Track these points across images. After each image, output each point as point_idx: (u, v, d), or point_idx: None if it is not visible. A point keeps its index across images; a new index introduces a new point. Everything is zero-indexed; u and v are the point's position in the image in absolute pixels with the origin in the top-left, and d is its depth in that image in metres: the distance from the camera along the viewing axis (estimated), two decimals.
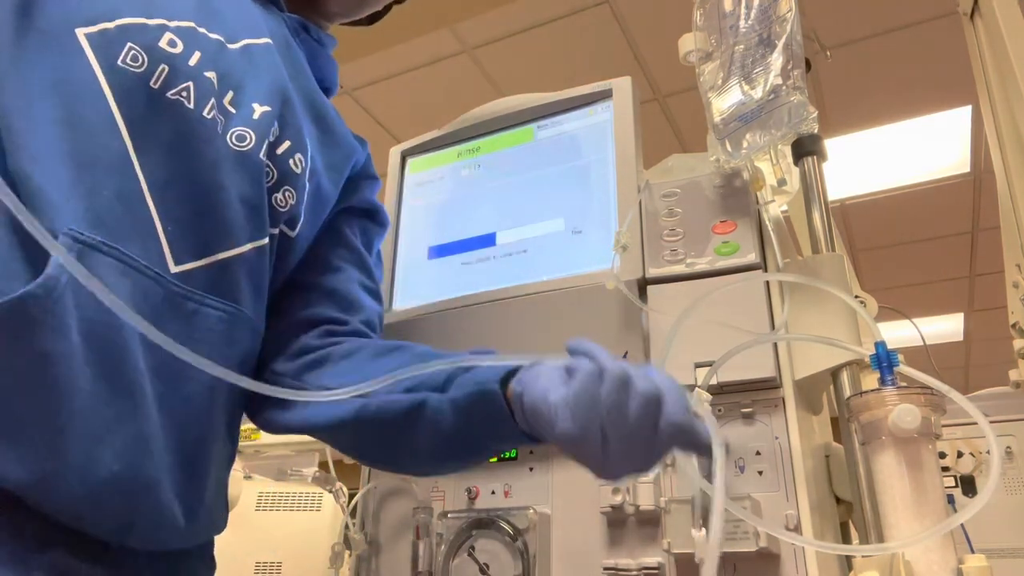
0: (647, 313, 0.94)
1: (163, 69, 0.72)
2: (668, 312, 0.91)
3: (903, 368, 0.73)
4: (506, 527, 0.93)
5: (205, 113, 0.75)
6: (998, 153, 1.26)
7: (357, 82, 3.07)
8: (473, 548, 0.95)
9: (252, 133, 0.78)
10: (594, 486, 0.90)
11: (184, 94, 0.73)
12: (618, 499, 0.87)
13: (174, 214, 0.71)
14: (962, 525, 0.65)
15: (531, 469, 0.99)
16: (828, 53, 1.08)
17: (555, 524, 0.95)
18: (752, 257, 0.92)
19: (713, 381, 0.85)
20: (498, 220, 1.12)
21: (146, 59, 0.71)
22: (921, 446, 0.70)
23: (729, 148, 0.93)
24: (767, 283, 0.91)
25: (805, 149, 0.97)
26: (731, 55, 0.92)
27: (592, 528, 0.92)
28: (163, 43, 0.73)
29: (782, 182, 0.96)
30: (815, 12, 2.63)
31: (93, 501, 0.61)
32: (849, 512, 0.92)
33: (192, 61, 0.75)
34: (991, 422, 0.66)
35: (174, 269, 0.70)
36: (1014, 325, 1.28)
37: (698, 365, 0.88)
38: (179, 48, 0.74)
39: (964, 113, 3.20)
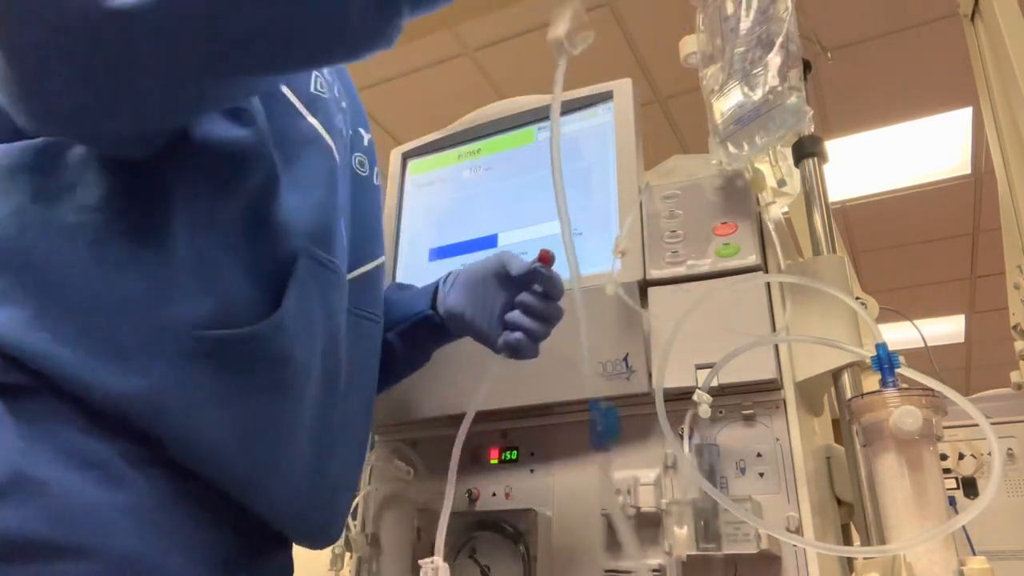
0: (648, 315, 0.94)
1: (332, 97, 0.78)
2: (669, 314, 0.91)
3: (904, 370, 0.73)
4: (507, 529, 0.93)
5: (347, 142, 0.81)
6: (999, 154, 1.26)
7: (358, 84, 3.07)
8: (474, 550, 0.95)
9: (367, 159, 0.86)
10: (595, 488, 0.90)
11: (343, 123, 0.80)
12: (619, 501, 0.87)
13: (348, 230, 0.78)
14: (963, 527, 0.65)
15: (532, 471, 0.99)
16: (829, 54, 1.08)
17: (556, 526, 0.94)
18: (753, 259, 0.92)
19: (714, 383, 0.85)
20: (499, 222, 1.12)
21: (327, 86, 0.77)
22: (922, 448, 0.70)
23: (731, 150, 0.93)
24: (768, 285, 0.91)
25: (806, 150, 0.98)
26: (731, 57, 0.93)
27: (593, 530, 0.92)
28: (325, 72, 0.78)
29: (782, 183, 0.96)
30: (816, 13, 2.63)
31: (302, 503, 0.67)
32: (850, 514, 0.91)
33: (336, 91, 0.81)
34: (992, 424, 0.66)
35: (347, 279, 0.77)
36: (1015, 327, 1.28)
37: (699, 367, 0.88)
38: (330, 78, 0.79)
39: (965, 114, 3.20)
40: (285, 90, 0.70)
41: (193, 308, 0.57)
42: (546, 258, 0.83)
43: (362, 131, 0.87)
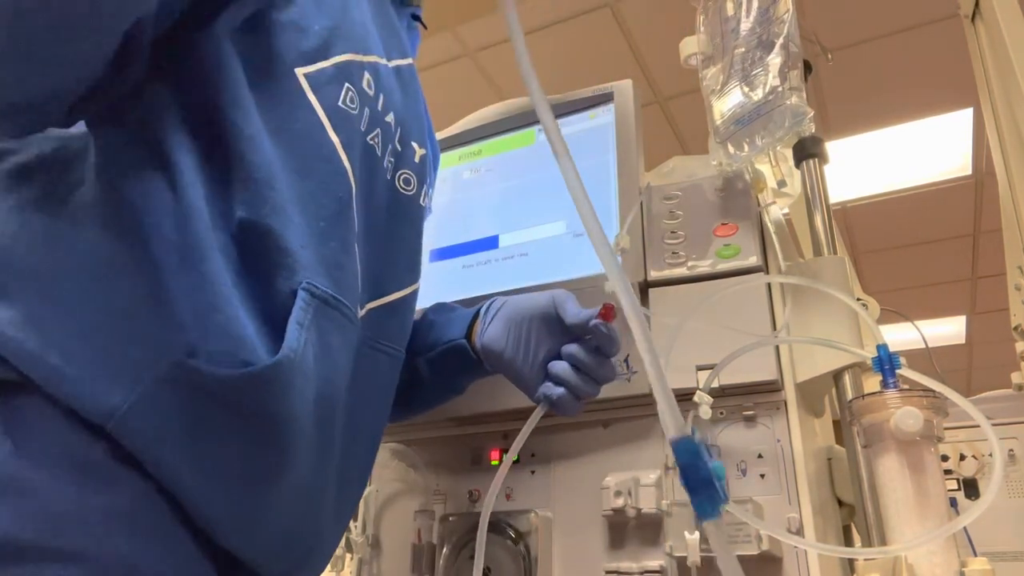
0: (648, 316, 0.94)
1: (367, 112, 0.71)
2: (670, 315, 0.91)
3: (905, 371, 0.73)
4: (508, 530, 0.93)
5: (384, 159, 0.74)
6: (1000, 155, 1.26)
7: None
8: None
9: (415, 178, 0.79)
10: (596, 489, 0.90)
11: (376, 140, 0.73)
12: (620, 502, 0.87)
13: (362, 260, 0.70)
14: (965, 528, 0.65)
15: (532, 472, 0.99)
16: (830, 55, 1.08)
17: (557, 527, 0.94)
18: (753, 260, 0.92)
19: (715, 384, 0.85)
20: (500, 223, 1.12)
21: (359, 101, 0.69)
22: (923, 449, 0.69)
23: (731, 151, 0.93)
24: (768, 285, 0.91)
25: (806, 151, 0.97)
26: (731, 58, 0.93)
27: (594, 531, 0.92)
28: (364, 84, 0.71)
29: (782, 184, 0.96)
30: (817, 14, 2.63)
31: (277, 546, 0.62)
32: (851, 515, 0.91)
33: (380, 105, 0.73)
34: (993, 425, 0.66)
35: (360, 314, 0.70)
36: (1016, 328, 1.28)
37: (700, 368, 0.88)
38: (372, 90, 0.72)
39: (966, 115, 3.20)
40: (312, 99, 0.65)
41: (184, 332, 0.54)
42: (609, 314, 0.77)
43: (415, 145, 0.79)
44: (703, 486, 0.36)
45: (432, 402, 0.93)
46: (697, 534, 0.79)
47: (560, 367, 0.79)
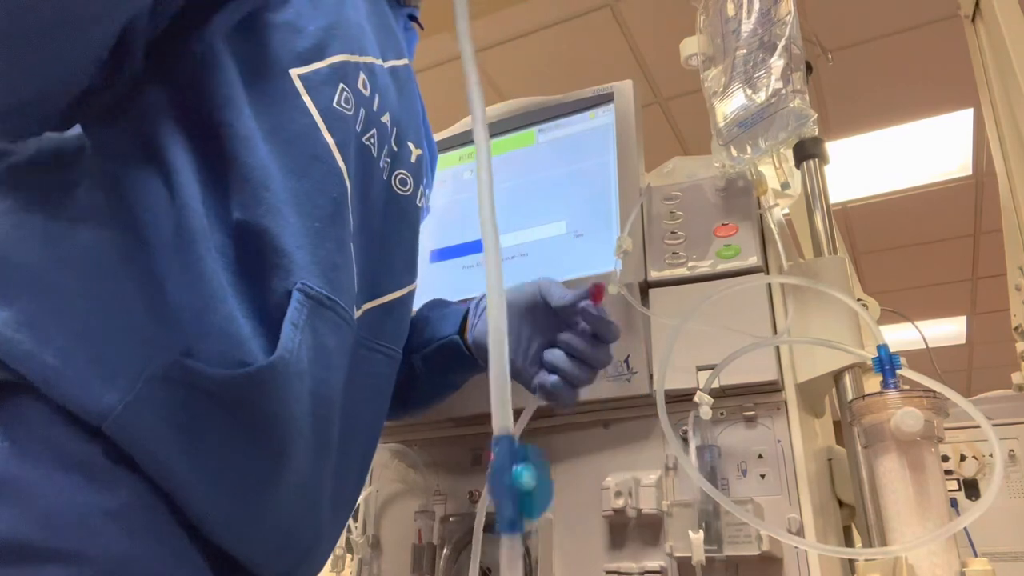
0: (649, 316, 0.94)
1: (363, 113, 0.71)
2: (670, 315, 0.91)
3: (905, 371, 0.73)
4: None
5: (380, 160, 0.75)
6: (1000, 155, 1.26)
7: None
8: None
9: (411, 178, 0.79)
10: (596, 489, 0.90)
11: (371, 140, 0.73)
12: (620, 503, 0.87)
13: (359, 261, 0.70)
14: (965, 529, 0.65)
15: None
16: (830, 56, 1.08)
17: (557, 528, 0.94)
18: (754, 260, 0.92)
19: (715, 384, 0.85)
20: (500, 223, 1.11)
21: (354, 102, 0.69)
22: (924, 449, 0.70)
23: (733, 153, 0.93)
24: (769, 286, 0.91)
25: (807, 152, 0.97)
26: (733, 59, 0.93)
27: (594, 532, 0.92)
28: (360, 85, 0.71)
29: (785, 186, 0.96)
30: (817, 15, 2.63)
31: (274, 547, 0.62)
32: (852, 515, 0.91)
33: (375, 105, 0.73)
34: (994, 425, 0.66)
35: (356, 315, 0.70)
36: (1016, 328, 1.28)
37: (700, 368, 0.88)
38: (368, 91, 0.72)
39: (966, 116, 3.20)
40: (306, 100, 0.65)
41: (180, 332, 0.54)
42: (598, 294, 0.76)
43: (411, 145, 0.79)
44: (504, 495, 0.33)
45: (429, 400, 0.93)
46: (701, 533, 0.79)
47: (553, 355, 0.79)
